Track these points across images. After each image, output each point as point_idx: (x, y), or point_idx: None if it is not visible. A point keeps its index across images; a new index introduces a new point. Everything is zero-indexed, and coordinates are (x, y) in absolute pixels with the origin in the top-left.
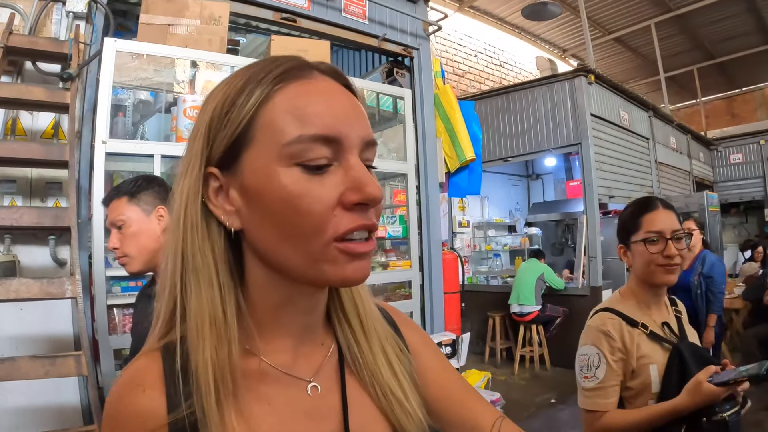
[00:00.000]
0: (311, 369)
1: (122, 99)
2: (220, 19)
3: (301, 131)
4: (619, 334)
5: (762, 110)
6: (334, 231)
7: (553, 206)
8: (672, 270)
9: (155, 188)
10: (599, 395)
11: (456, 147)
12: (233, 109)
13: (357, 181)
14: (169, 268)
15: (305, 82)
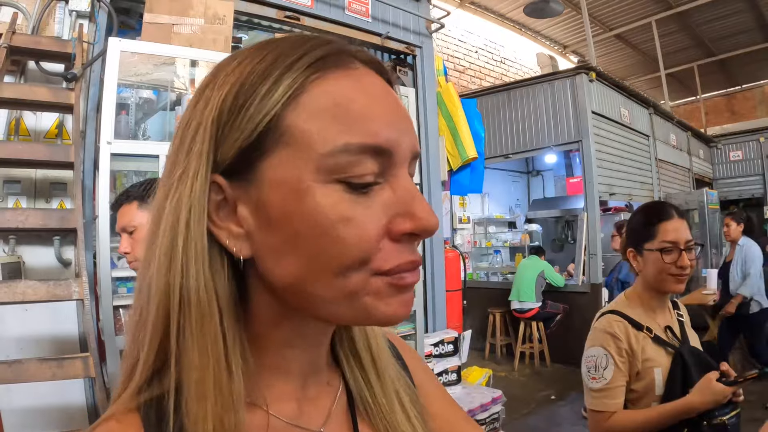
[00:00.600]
0: (320, 416)
1: (125, 97)
2: (224, 18)
3: (347, 138)
4: (626, 336)
5: (762, 107)
6: (379, 266)
7: (554, 203)
8: (683, 280)
9: None
10: (607, 396)
11: (458, 145)
12: (254, 99)
13: (409, 206)
14: (153, 304)
15: (348, 73)
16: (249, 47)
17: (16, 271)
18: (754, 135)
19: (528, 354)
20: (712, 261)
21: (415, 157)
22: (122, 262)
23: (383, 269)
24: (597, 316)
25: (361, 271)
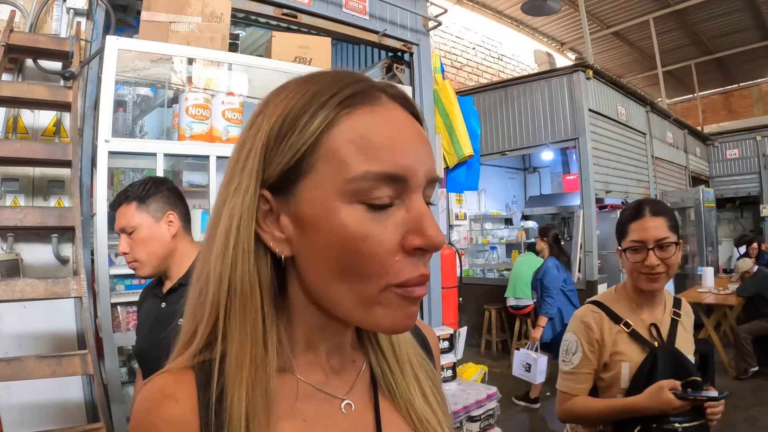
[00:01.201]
0: (344, 387)
1: (122, 94)
2: (221, 17)
3: (367, 167)
4: (599, 327)
5: (759, 106)
6: (394, 277)
7: (550, 200)
8: (654, 278)
9: (164, 192)
10: (571, 379)
11: (454, 143)
12: (294, 130)
13: (420, 225)
14: (211, 289)
15: (373, 109)
16: (295, 80)
17: (14, 268)
18: (751, 133)
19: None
20: (708, 259)
21: (433, 182)
22: (120, 259)
23: (397, 281)
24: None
25: (376, 283)
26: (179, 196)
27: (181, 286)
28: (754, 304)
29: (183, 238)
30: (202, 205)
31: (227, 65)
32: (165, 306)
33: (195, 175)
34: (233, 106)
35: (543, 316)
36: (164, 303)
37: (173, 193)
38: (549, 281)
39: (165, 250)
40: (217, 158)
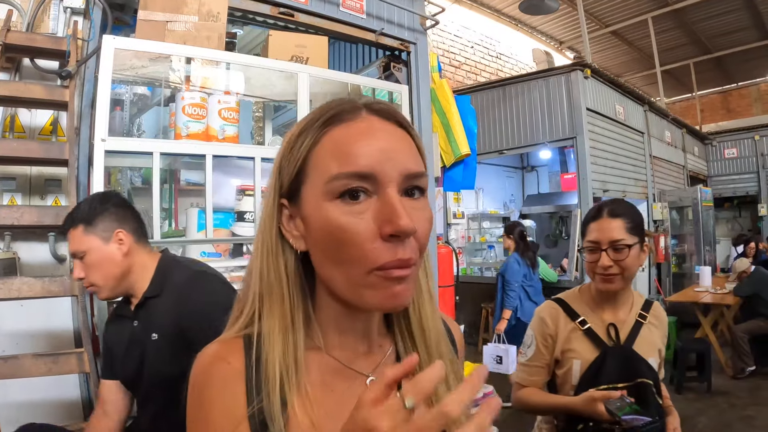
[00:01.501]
0: (370, 367)
1: (120, 93)
2: (218, 16)
3: (339, 169)
4: (554, 322)
5: (757, 105)
6: (374, 262)
7: (548, 198)
8: (608, 279)
9: (111, 210)
10: (524, 371)
11: (451, 142)
12: (293, 150)
13: (389, 215)
14: (253, 280)
15: (349, 124)
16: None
17: (11, 267)
18: (749, 132)
19: None
20: (706, 258)
21: (409, 177)
22: None
23: (377, 265)
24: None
25: (360, 268)
26: (128, 208)
27: (149, 300)
28: (751, 303)
29: (138, 252)
30: (199, 204)
31: (224, 64)
32: (137, 324)
33: (192, 173)
34: (229, 105)
35: (507, 309)
36: (136, 321)
37: (120, 208)
38: (510, 275)
39: (120, 270)
40: (214, 157)
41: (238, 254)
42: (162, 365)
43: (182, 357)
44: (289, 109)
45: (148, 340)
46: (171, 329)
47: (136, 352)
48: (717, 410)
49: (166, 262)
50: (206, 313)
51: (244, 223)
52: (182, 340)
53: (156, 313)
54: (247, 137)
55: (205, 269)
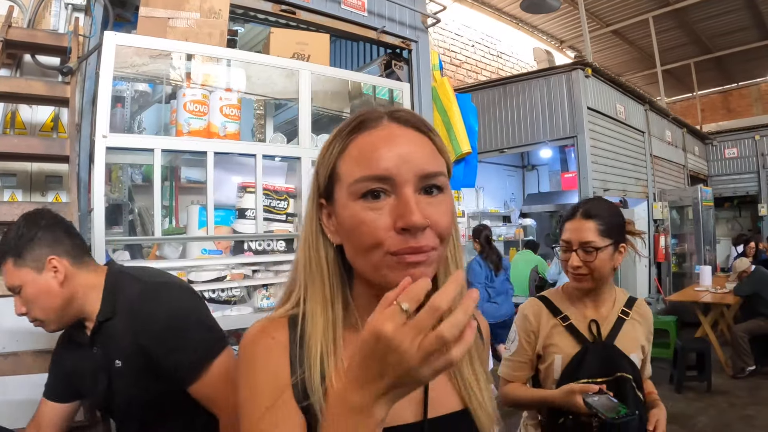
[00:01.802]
0: None
1: (121, 90)
2: (220, 13)
3: (361, 173)
4: (537, 319)
5: (758, 105)
6: (388, 247)
7: (548, 197)
8: (579, 278)
9: (39, 235)
10: (507, 366)
11: (452, 140)
12: (326, 156)
13: (402, 211)
14: (298, 268)
15: (371, 132)
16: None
17: None
18: (750, 132)
19: None
20: (706, 258)
21: (426, 177)
22: (117, 254)
23: (391, 251)
24: None
25: (377, 252)
26: (59, 227)
27: (103, 324)
28: (751, 303)
29: (77, 275)
30: (200, 201)
31: (225, 61)
32: (97, 350)
33: (193, 171)
34: (231, 102)
35: None
36: (95, 347)
37: (49, 231)
38: (471, 277)
39: (60, 300)
40: (215, 154)
41: (239, 251)
42: (132, 391)
43: (152, 382)
44: (290, 107)
45: (112, 367)
46: (132, 353)
47: (103, 379)
48: (717, 410)
49: (113, 279)
50: (169, 332)
51: (245, 220)
52: (147, 363)
53: (113, 336)
54: (249, 134)
55: (158, 279)
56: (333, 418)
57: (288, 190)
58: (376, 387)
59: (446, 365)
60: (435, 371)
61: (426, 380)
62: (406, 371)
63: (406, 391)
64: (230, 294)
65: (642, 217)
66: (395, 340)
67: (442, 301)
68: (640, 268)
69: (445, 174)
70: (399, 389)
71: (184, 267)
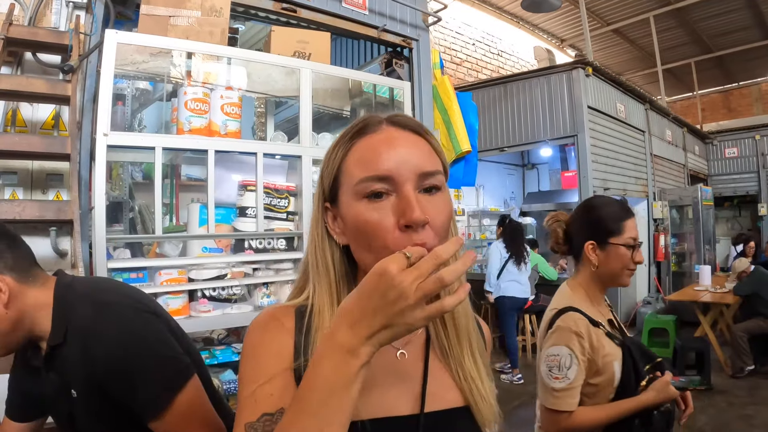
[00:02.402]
0: (402, 341)
1: (121, 88)
2: (221, 11)
3: (363, 174)
4: (587, 333)
5: (758, 105)
6: (394, 247)
7: (548, 196)
8: (632, 274)
9: None
10: (569, 395)
11: (452, 139)
12: (329, 162)
13: (405, 208)
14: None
15: (371, 136)
16: None
17: None
18: (750, 132)
19: (520, 346)
20: (705, 257)
21: (424, 176)
22: (118, 252)
23: (396, 247)
24: (554, 313)
25: (384, 251)
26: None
27: (54, 350)
28: (751, 302)
29: (25, 293)
30: (200, 199)
31: (226, 59)
32: (53, 375)
33: (193, 168)
34: (232, 101)
35: None
36: (50, 372)
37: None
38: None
39: (6, 325)
40: (216, 152)
41: (240, 250)
42: (92, 423)
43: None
44: (291, 105)
45: (69, 396)
46: (88, 384)
47: (64, 404)
48: (716, 409)
49: (62, 296)
50: (123, 361)
51: (246, 218)
52: (103, 396)
53: (66, 365)
54: (249, 132)
55: (110, 299)
56: (317, 357)
57: (288, 188)
58: (368, 324)
59: (438, 312)
60: (427, 316)
61: (417, 325)
62: (401, 310)
63: (395, 335)
64: (231, 292)
65: (642, 217)
66: (397, 278)
67: (444, 252)
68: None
69: (443, 173)
70: (389, 330)
71: (184, 265)
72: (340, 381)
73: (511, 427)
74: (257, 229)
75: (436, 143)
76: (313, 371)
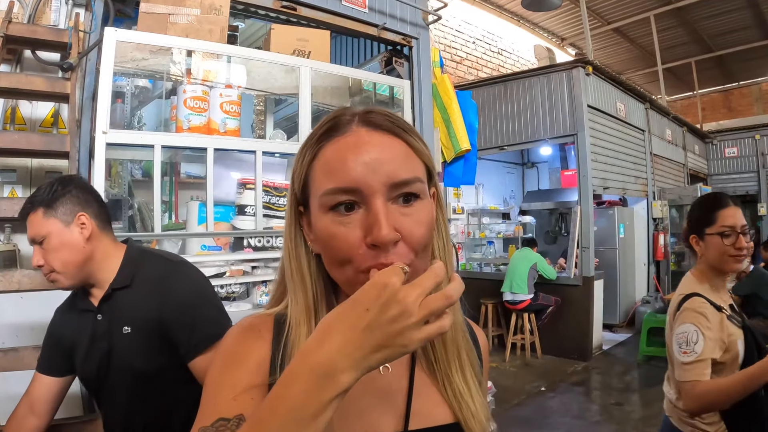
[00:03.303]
0: None
1: (121, 85)
2: (220, 9)
3: (328, 185)
4: (713, 316)
5: (758, 105)
6: (360, 265)
7: (548, 195)
8: (740, 259)
9: (73, 192)
10: (698, 367)
11: (452, 137)
12: (298, 165)
13: (372, 225)
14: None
15: (339, 139)
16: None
17: (11, 259)
18: (750, 132)
19: (519, 345)
20: None
21: (397, 185)
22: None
23: (362, 268)
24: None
25: (349, 268)
26: (91, 193)
27: (116, 291)
28: (750, 302)
29: (101, 239)
30: (199, 197)
31: (226, 57)
32: (102, 318)
33: (193, 166)
34: (231, 99)
35: None
36: (100, 315)
37: (83, 192)
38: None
39: (81, 257)
40: (215, 150)
41: (239, 248)
42: (134, 359)
43: (156, 352)
44: (290, 103)
45: (118, 333)
46: (148, 322)
47: (102, 347)
48: None
49: (134, 253)
50: (190, 306)
51: (245, 216)
52: (159, 335)
53: (127, 305)
54: (248, 130)
55: (182, 260)
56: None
57: (288, 186)
58: (358, 343)
59: (438, 332)
60: (425, 337)
61: (412, 347)
62: (402, 329)
63: (386, 357)
64: (229, 290)
65: (641, 216)
66: (402, 292)
67: (441, 270)
68: (639, 266)
69: (423, 179)
70: (382, 352)
71: None
72: (308, 409)
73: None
74: (256, 228)
75: (416, 143)
76: (280, 392)
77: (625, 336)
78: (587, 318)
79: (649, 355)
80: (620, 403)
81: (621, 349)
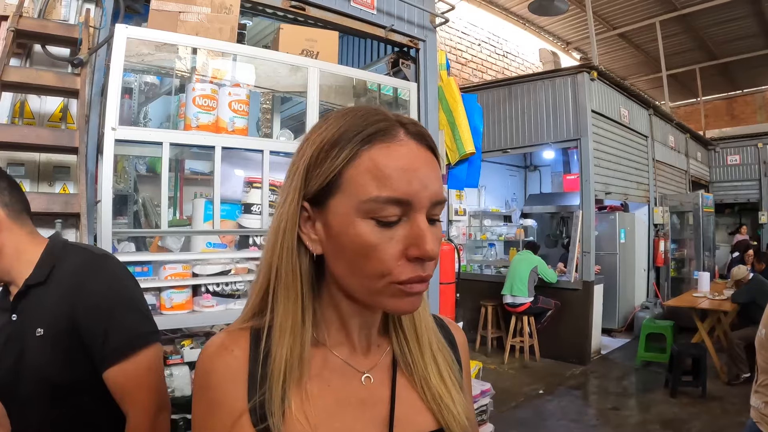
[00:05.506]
0: (368, 364)
1: (129, 81)
2: (231, 8)
3: (377, 192)
4: None
5: (762, 113)
6: (396, 277)
7: (550, 198)
8: None
9: None
10: None
11: (456, 140)
12: (326, 159)
13: (418, 239)
14: (262, 275)
15: (389, 145)
16: (334, 113)
17: None
18: (753, 140)
19: (518, 348)
20: (704, 264)
21: (438, 203)
22: (123, 245)
23: (399, 280)
24: None
25: (382, 280)
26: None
27: (31, 288)
28: (748, 310)
29: (11, 230)
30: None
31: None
32: (16, 318)
33: (197, 163)
34: (240, 98)
35: None
36: (14, 314)
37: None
38: None
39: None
40: (223, 149)
41: (244, 246)
42: (47, 367)
43: (72, 358)
44: (297, 103)
45: (31, 335)
46: (61, 324)
47: (13, 350)
48: (711, 415)
49: (56, 247)
50: (106, 307)
51: (251, 215)
52: (75, 338)
53: (41, 304)
54: (254, 128)
55: (104, 253)
56: None
57: None
58: None
59: None
60: None
61: None
62: None
63: None
64: (234, 288)
65: (642, 222)
66: None
67: None
68: (639, 272)
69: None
70: None
71: (189, 260)
72: None
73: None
74: (262, 226)
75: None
76: None
77: (624, 341)
78: (586, 322)
79: (647, 360)
80: (617, 408)
81: (619, 354)
